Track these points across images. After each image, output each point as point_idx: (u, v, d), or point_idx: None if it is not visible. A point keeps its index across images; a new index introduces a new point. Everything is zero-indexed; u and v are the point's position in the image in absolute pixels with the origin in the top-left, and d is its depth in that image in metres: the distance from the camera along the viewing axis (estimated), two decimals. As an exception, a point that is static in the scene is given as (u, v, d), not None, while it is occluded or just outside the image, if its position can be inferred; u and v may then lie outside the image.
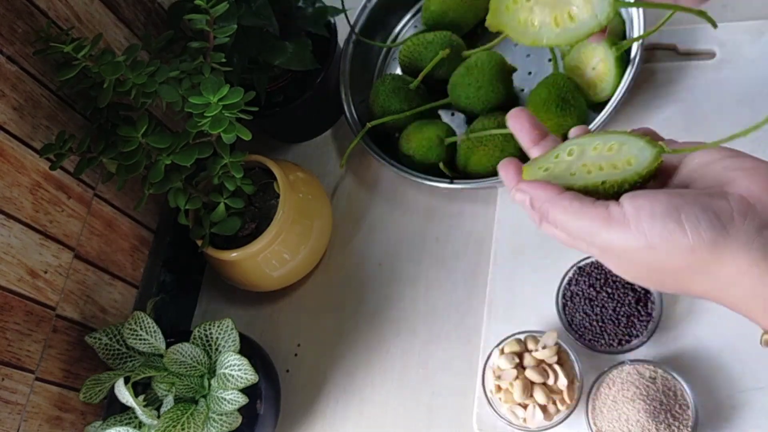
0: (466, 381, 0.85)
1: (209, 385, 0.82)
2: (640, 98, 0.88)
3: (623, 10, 0.89)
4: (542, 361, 0.76)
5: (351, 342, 0.93)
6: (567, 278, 0.79)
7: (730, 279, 0.43)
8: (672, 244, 0.43)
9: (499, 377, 0.76)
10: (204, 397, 0.82)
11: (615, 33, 0.89)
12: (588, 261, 0.79)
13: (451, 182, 0.89)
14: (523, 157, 0.92)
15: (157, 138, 0.79)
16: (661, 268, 0.44)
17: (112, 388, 0.80)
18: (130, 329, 0.84)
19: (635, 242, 0.44)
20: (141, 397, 0.81)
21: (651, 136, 0.49)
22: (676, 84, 0.87)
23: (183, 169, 0.84)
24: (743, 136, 0.44)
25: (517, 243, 0.87)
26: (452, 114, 0.99)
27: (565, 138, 0.52)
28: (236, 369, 0.79)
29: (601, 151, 0.49)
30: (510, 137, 0.87)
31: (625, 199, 0.45)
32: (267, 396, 0.84)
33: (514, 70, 0.93)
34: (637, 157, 0.48)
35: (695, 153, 0.47)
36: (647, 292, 0.76)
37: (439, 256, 0.93)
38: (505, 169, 0.52)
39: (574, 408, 0.74)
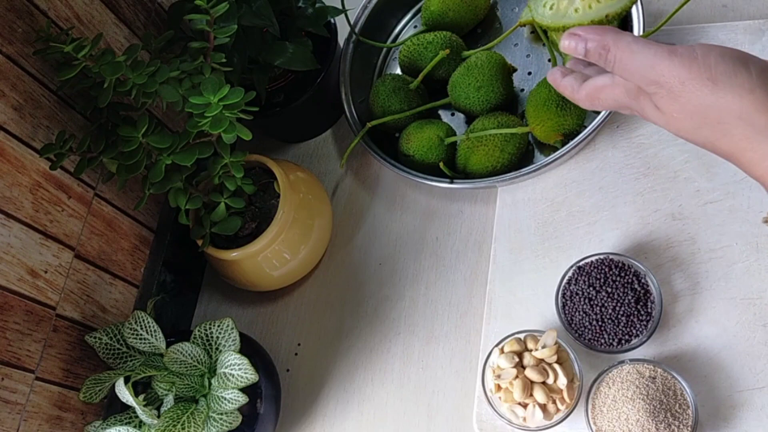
0: (465, 380, 0.85)
1: (209, 384, 0.82)
2: (639, 98, 0.88)
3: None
4: (542, 360, 0.76)
5: (351, 341, 0.93)
6: (566, 278, 0.79)
7: None
8: (734, 82, 0.46)
9: (498, 376, 0.76)
10: (204, 396, 0.82)
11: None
12: (588, 260, 0.79)
13: (452, 182, 0.90)
14: (522, 158, 0.92)
15: (157, 138, 0.79)
16: (711, 105, 0.47)
17: (113, 387, 0.80)
18: (131, 329, 0.84)
19: (698, 74, 0.46)
20: (141, 397, 0.81)
21: None
22: (676, 84, 0.87)
23: (183, 168, 0.84)
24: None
25: (516, 243, 0.87)
26: (452, 114, 0.99)
27: (564, 137, 0.56)
28: (236, 368, 0.79)
29: None
30: (510, 137, 0.88)
31: (695, 44, 0.48)
32: (267, 395, 0.84)
33: (514, 70, 0.93)
34: None
35: None
36: (647, 291, 0.76)
37: (439, 256, 0.93)
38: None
39: (574, 407, 0.74)
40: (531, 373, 0.75)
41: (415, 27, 1.07)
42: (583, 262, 0.79)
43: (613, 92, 0.54)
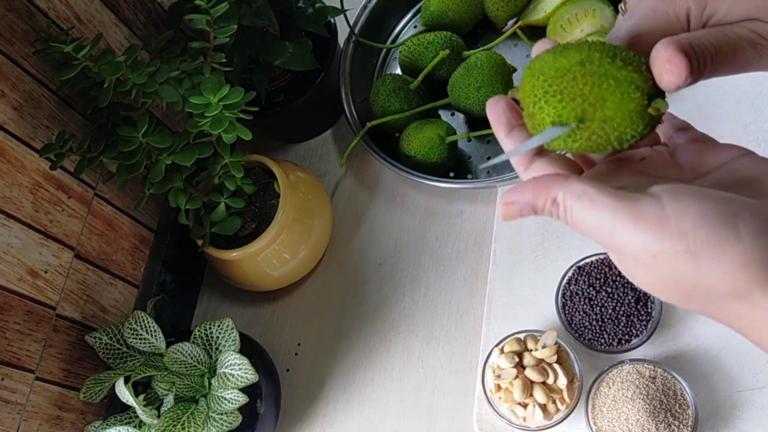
0: (465, 380, 0.85)
1: (209, 384, 0.82)
2: (639, 98, 0.88)
3: (621, 10, 0.89)
4: (542, 360, 0.76)
5: (351, 341, 0.93)
6: (567, 277, 0.79)
7: None
8: (721, 257, 0.34)
9: (498, 376, 0.76)
10: (204, 396, 0.82)
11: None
12: (588, 260, 0.79)
13: (452, 181, 0.90)
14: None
15: (157, 138, 0.79)
16: (695, 283, 0.36)
17: (113, 387, 0.80)
18: (131, 329, 0.84)
19: (671, 246, 0.35)
20: (141, 397, 0.81)
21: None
22: (676, 84, 0.87)
23: (183, 168, 0.84)
24: None
25: (516, 242, 0.87)
26: (452, 114, 0.99)
27: None
28: (236, 368, 0.79)
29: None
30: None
31: (663, 193, 0.36)
32: (267, 395, 0.84)
33: (514, 70, 0.93)
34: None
35: (736, 155, 0.41)
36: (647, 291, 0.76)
37: (439, 256, 0.93)
38: (495, 110, 0.43)
39: (574, 407, 0.74)
40: (531, 373, 0.75)
41: (415, 27, 1.07)
42: (583, 262, 0.79)
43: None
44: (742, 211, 0.35)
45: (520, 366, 0.76)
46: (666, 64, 0.38)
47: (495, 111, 0.43)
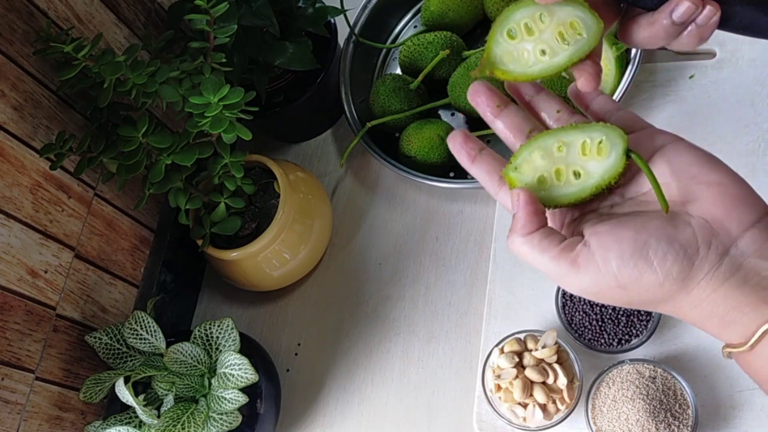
0: (465, 380, 0.85)
1: (209, 384, 0.82)
2: (640, 98, 0.88)
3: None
4: (542, 360, 0.76)
5: (351, 341, 0.93)
6: (567, 278, 0.79)
7: (692, 303, 0.45)
8: (642, 282, 0.44)
9: (498, 376, 0.76)
10: (204, 396, 0.82)
11: (614, 33, 0.89)
12: (588, 261, 0.79)
13: (452, 181, 0.89)
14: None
15: (157, 138, 0.79)
16: (631, 301, 0.46)
17: (113, 387, 0.80)
18: (131, 329, 0.84)
19: (606, 285, 0.45)
20: (141, 397, 0.81)
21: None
22: (676, 84, 0.87)
23: (183, 168, 0.84)
24: None
25: (517, 243, 0.87)
26: (452, 114, 0.99)
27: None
28: (236, 368, 0.79)
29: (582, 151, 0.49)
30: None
31: (591, 237, 0.46)
32: (267, 395, 0.84)
33: (514, 70, 0.93)
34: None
35: (666, 153, 0.47)
36: (647, 291, 0.76)
37: (439, 256, 0.93)
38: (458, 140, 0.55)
39: (574, 407, 0.74)
40: (531, 373, 0.75)
41: (415, 27, 1.07)
42: (583, 262, 0.79)
43: None
44: (650, 239, 0.44)
45: (520, 366, 0.76)
46: None
47: (455, 147, 0.55)
